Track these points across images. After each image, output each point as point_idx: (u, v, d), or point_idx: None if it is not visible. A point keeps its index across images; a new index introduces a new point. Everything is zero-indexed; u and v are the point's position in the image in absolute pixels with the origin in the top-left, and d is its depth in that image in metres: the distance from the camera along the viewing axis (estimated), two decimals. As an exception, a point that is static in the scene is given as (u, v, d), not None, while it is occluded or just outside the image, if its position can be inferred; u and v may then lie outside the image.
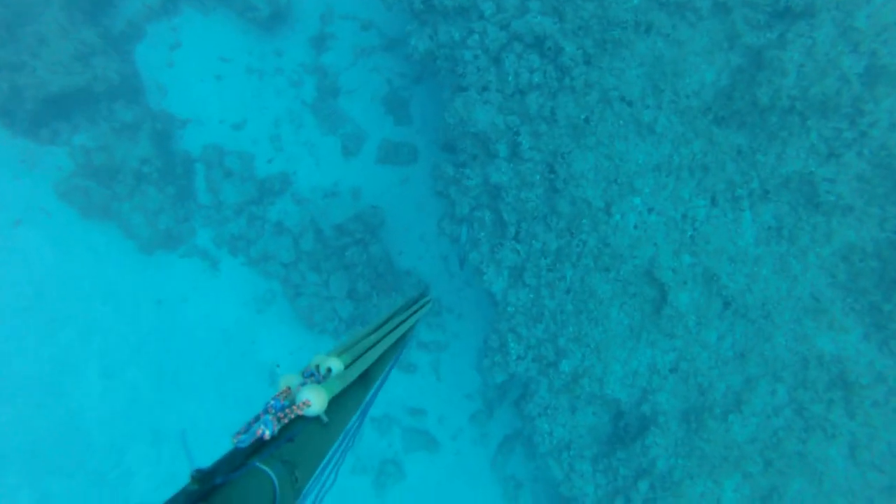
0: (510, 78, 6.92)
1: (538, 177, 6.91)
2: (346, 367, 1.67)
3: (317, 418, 1.48)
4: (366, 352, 1.87)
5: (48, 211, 8.49)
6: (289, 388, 1.49)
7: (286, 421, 1.35)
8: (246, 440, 1.25)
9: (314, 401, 1.44)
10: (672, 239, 6.68)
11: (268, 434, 1.28)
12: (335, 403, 1.56)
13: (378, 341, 2.03)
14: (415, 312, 2.69)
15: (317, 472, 1.49)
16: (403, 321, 2.45)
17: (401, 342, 2.42)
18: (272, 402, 1.39)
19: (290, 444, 1.34)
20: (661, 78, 6.58)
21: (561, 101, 6.80)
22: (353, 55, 9.87)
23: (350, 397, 1.74)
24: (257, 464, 1.20)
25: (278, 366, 9.17)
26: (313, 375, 1.60)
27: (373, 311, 9.28)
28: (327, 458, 1.57)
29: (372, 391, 2.01)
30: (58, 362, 8.42)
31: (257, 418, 1.32)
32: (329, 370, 1.62)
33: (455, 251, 9.30)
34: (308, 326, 9.32)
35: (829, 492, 6.06)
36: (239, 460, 1.21)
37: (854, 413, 5.93)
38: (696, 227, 6.65)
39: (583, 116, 6.77)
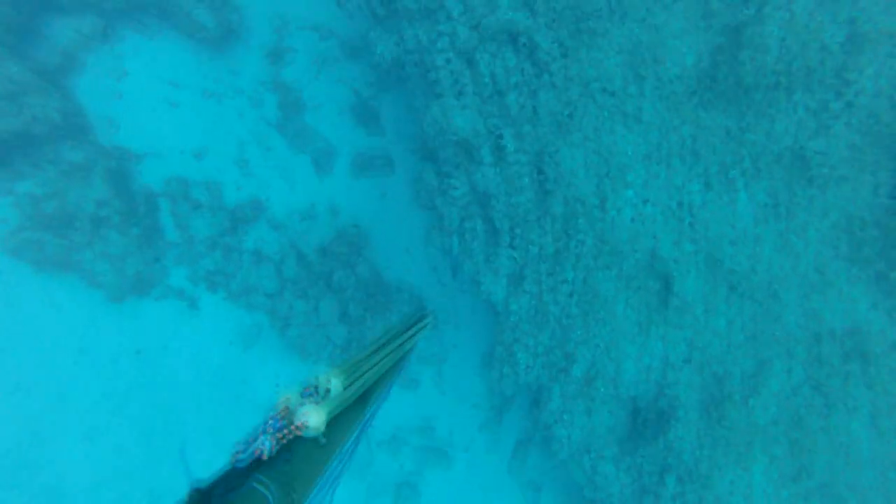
0: (486, 79, 6.61)
1: (527, 180, 6.63)
2: (345, 386, 1.67)
3: (314, 438, 1.47)
4: (365, 372, 1.87)
5: (-2, 271, 7.76)
6: (287, 407, 1.48)
7: (284, 441, 1.35)
8: (244, 459, 1.24)
9: (312, 420, 1.44)
10: (671, 228, 6.51)
11: (266, 454, 1.28)
12: (333, 422, 1.56)
13: (377, 362, 2.02)
14: (414, 332, 2.68)
15: (314, 490, 1.48)
16: (403, 341, 2.43)
17: (400, 362, 2.42)
18: (271, 420, 1.37)
19: (288, 463, 1.34)
20: (642, 65, 6.38)
21: (542, 99, 6.53)
22: (314, 67, 9.38)
23: (348, 416, 1.73)
24: (254, 484, 1.19)
25: (278, 385, 8.70)
26: (312, 394, 1.58)
27: (368, 333, 8.89)
28: (324, 476, 1.56)
29: (370, 411, 2.01)
30: (30, 433, 7.73)
31: (256, 436, 1.31)
32: (328, 389, 1.61)
33: (446, 262, 8.99)
34: (301, 357, 8.86)
35: (856, 463, 6.03)
36: (236, 479, 1.20)
37: (872, 383, 5.90)
38: (694, 213, 6.50)
39: (566, 112, 6.52)
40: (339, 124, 9.42)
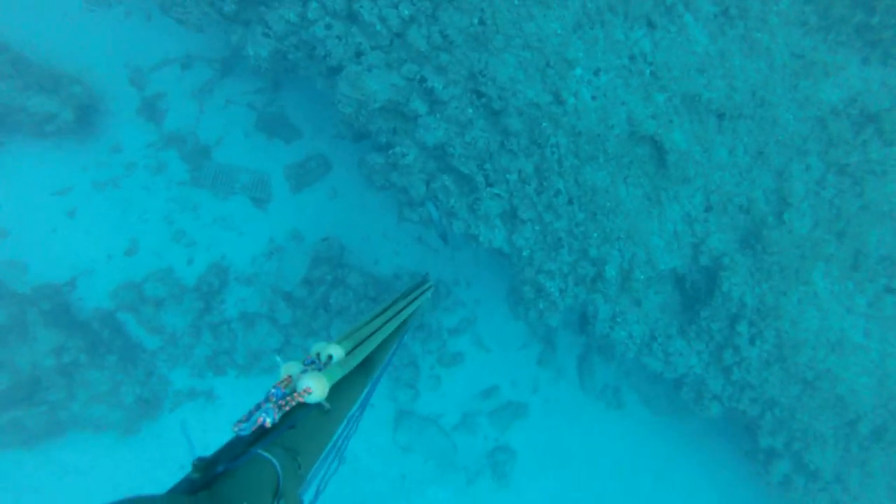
0: (378, 27, 5.73)
1: (471, 110, 5.94)
2: (348, 354, 1.63)
3: (318, 405, 1.45)
4: (367, 339, 1.84)
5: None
6: (290, 377, 1.44)
7: (287, 409, 1.32)
8: (247, 428, 1.21)
9: (315, 388, 1.41)
10: (634, 87, 5.94)
11: (269, 422, 1.25)
12: (337, 390, 1.52)
13: (379, 328, 1.99)
14: (416, 298, 2.64)
15: (320, 458, 1.46)
16: (405, 307, 2.40)
17: (402, 328, 2.39)
18: (273, 390, 1.35)
19: (292, 431, 1.31)
20: (529, -73, 5.54)
21: (444, 18, 5.71)
22: (195, 102, 8.26)
23: (352, 384, 1.70)
24: (259, 451, 1.17)
25: (279, 357, 8.32)
26: (314, 363, 1.55)
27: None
28: (330, 444, 1.54)
29: (374, 377, 1.99)
30: None
31: (258, 406, 1.28)
32: (330, 357, 1.58)
33: (431, 230, 8.39)
34: (341, 390, 8.40)
35: (901, 222, 5.86)
36: (240, 448, 1.17)
37: (891, 140, 5.62)
38: (649, 60, 5.91)
39: (475, 20, 5.73)
40: (252, 147, 8.45)
